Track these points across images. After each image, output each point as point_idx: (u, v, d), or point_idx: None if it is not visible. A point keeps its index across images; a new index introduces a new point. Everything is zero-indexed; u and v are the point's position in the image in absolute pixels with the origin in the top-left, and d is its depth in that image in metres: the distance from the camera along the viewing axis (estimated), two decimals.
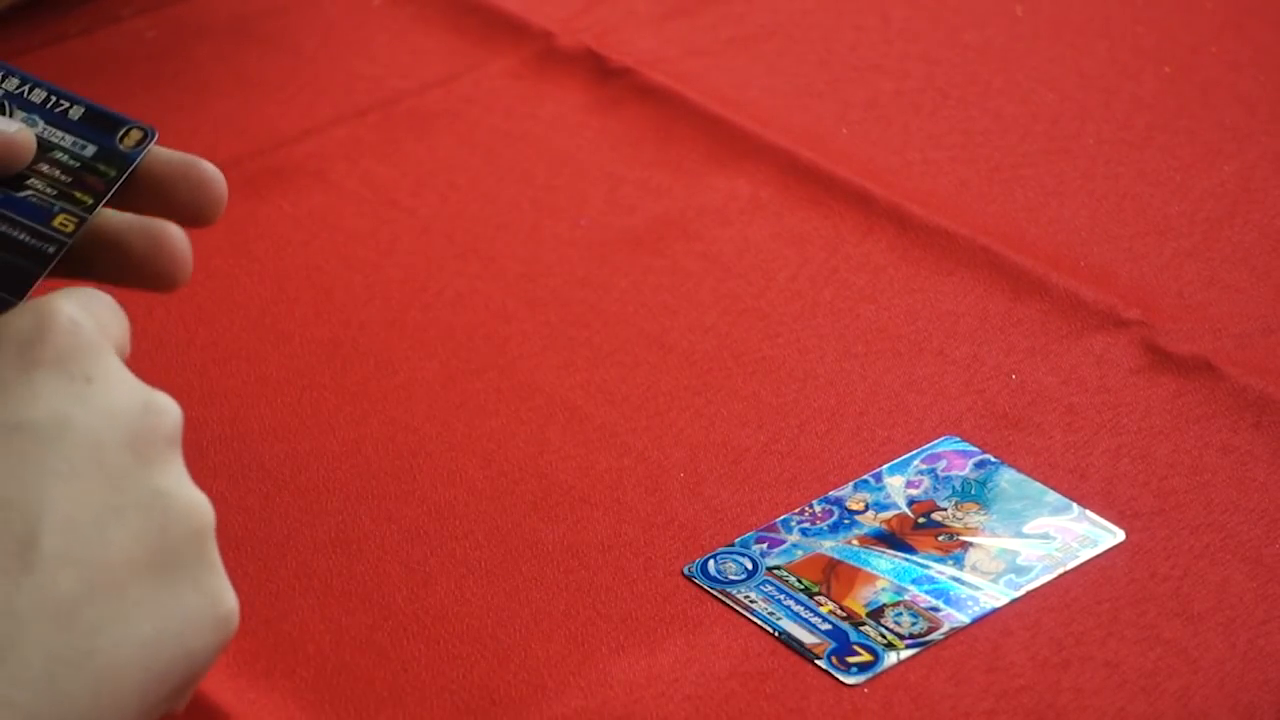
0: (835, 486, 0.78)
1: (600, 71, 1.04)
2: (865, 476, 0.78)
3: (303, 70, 1.06)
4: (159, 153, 0.68)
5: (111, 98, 1.04)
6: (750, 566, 0.75)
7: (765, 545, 0.75)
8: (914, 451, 0.80)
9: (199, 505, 0.58)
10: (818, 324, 0.87)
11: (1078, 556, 0.74)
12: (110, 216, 0.67)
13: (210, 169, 0.68)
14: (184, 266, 0.67)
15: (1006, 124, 0.99)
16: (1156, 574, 0.73)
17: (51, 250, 0.64)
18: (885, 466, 0.79)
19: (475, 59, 1.06)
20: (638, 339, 0.86)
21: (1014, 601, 0.73)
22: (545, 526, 0.77)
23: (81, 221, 0.65)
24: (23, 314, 0.58)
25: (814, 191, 0.94)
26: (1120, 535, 0.75)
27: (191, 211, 0.68)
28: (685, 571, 0.75)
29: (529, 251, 0.92)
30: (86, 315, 0.59)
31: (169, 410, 0.59)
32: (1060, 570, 0.74)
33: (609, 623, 0.73)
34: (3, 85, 0.68)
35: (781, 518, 0.77)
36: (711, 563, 0.75)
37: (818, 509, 0.77)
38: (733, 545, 0.76)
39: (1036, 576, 0.74)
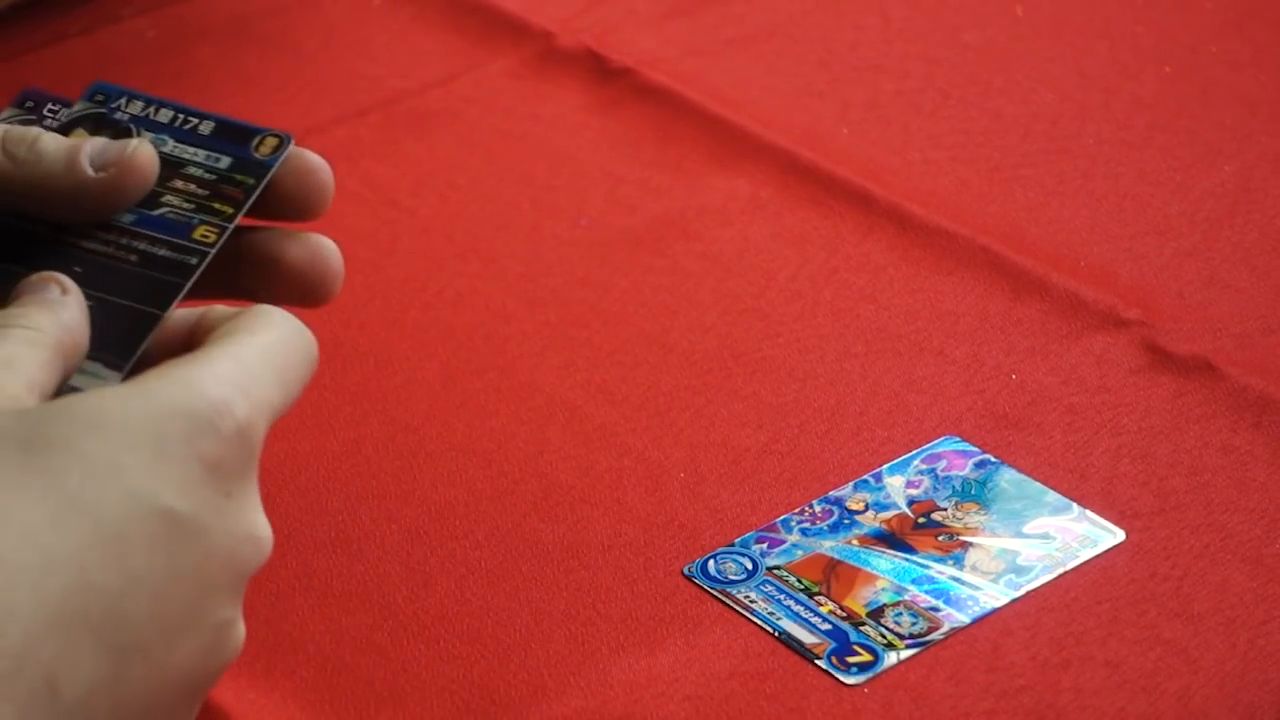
0: (835, 486, 0.78)
1: (600, 71, 1.04)
2: (865, 476, 0.79)
3: (303, 70, 1.06)
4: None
5: None
6: (750, 566, 0.75)
7: (765, 545, 0.75)
8: (914, 451, 0.80)
9: (239, 645, 0.59)
10: (818, 324, 0.87)
11: (1078, 556, 0.74)
12: (262, 231, 0.67)
13: (315, 158, 0.68)
14: (337, 280, 0.68)
15: (1006, 124, 0.99)
16: (1156, 574, 0.73)
17: (194, 261, 0.64)
18: (885, 466, 0.79)
19: (475, 59, 1.06)
20: (638, 339, 0.86)
21: (1014, 601, 0.73)
22: (545, 526, 0.77)
23: (223, 231, 0.65)
24: (199, 398, 0.58)
25: (814, 191, 0.94)
26: (1120, 535, 0.75)
27: (300, 203, 0.68)
28: (685, 571, 0.75)
29: (529, 251, 0.92)
30: (254, 415, 0.59)
31: (265, 550, 0.60)
32: (1060, 570, 0.74)
33: (609, 623, 0.73)
34: (127, 109, 0.68)
35: (781, 518, 0.77)
36: (711, 563, 0.75)
37: (818, 509, 0.77)
38: (733, 545, 0.76)
39: (1036, 576, 0.74)
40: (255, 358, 0.60)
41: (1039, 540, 0.75)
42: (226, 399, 0.58)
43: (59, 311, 0.61)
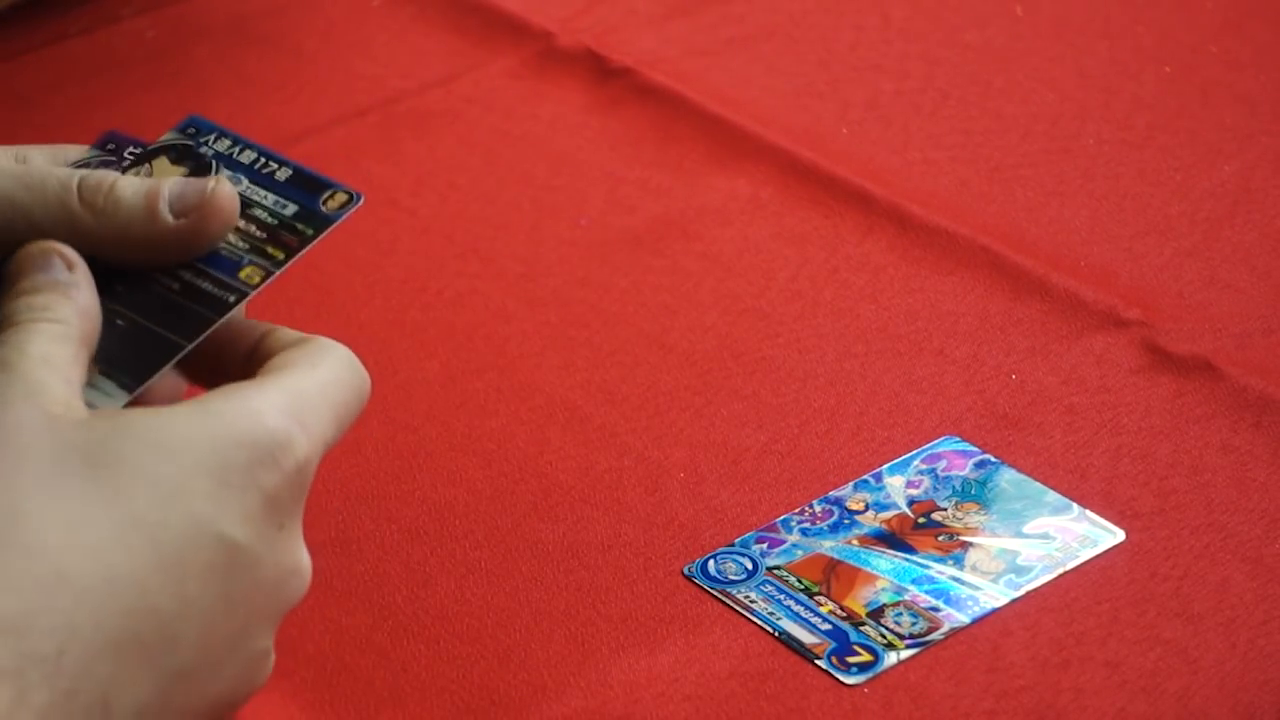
0: (835, 486, 0.78)
1: (600, 71, 1.04)
2: (865, 476, 0.78)
3: (303, 70, 1.06)
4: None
5: (111, 98, 1.04)
6: (750, 566, 0.75)
7: (765, 545, 0.75)
8: (914, 451, 0.80)
9: (268, 676, 0.59)
10: (818, 324, 0.87)
11: (1078, 556, 0.74)
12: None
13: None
14: None
15: (1006, 124, 0.99)
16: (1156, 574, 0.73)
17: (232, 300, 0.63)
18: (885, 466, 0.79)
19: (475, 59, 1.06)
20: (638, 339, 0.86)
21: (1014, 601, 0.73)
22: (545, 526, 0.77)
23: (268, 275, 0.64)
24: (262, 429, 0.58)
25: (814, 191, 0.94)
26: (1120, 535, 0.75)
27: None
28: (685, 571, 0.75)
29: (529, 251, 0.92)
30: (311, 451, 0.59)
31: (306, 584, 0.60)
32: (1060, 570, 0.74)
33: (609, 623, 0.73)
34: (214, 145, 0.67)
35: (781, 518, 0.77)
36: (711, 563, 0.75)
37: (818, 509, 0.77)
38: (733, 545, 0.76)
39: (1036, 576, 0.74)
40: (315, 392, 0.60)
41: (1039, 540, 0.75)
42: (288, 432, 0.58)
43: (75, 297, 0.60)
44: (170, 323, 0.63)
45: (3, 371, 0.57)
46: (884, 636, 0.72)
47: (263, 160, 0.67)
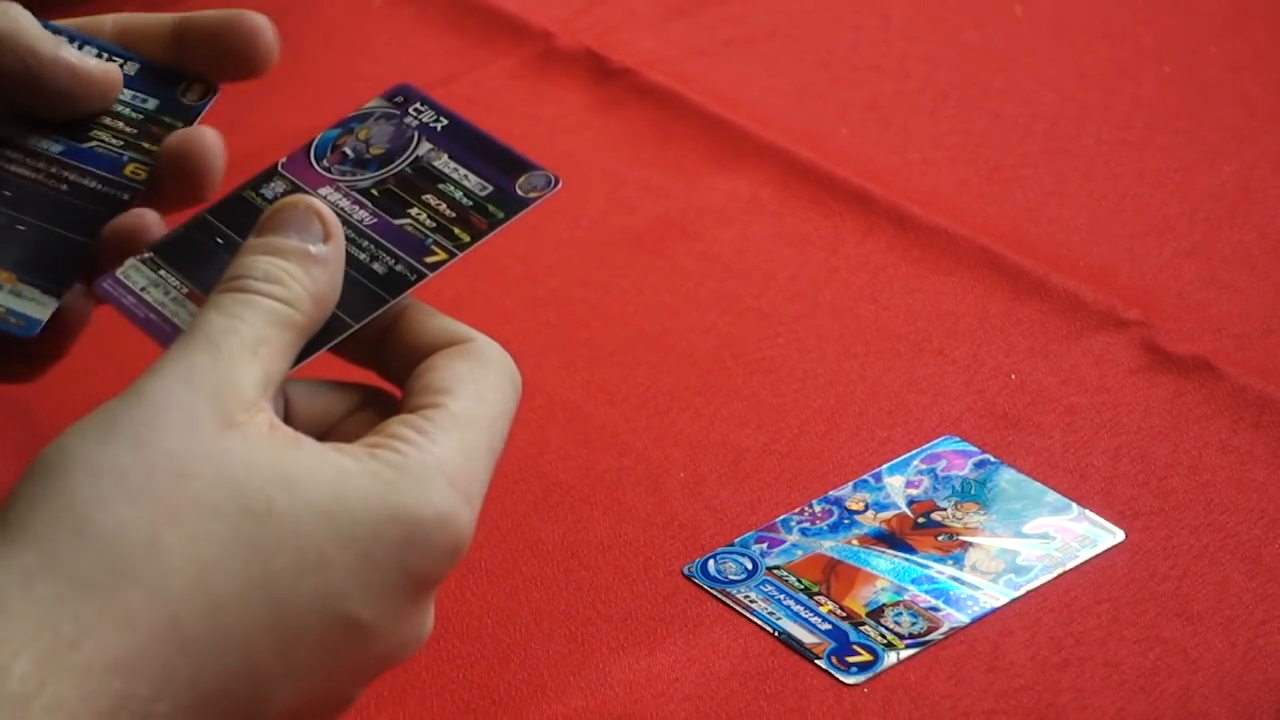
0: (835, 486, 0.78)
1: (600, 71, 1.04)
2: (865, 476, 0.79)
3: (303, 70, 1.06)
4: (202, 14, 0.67)
5: None
6: (750, 566, 0.75)
7: (765, 545, 0.75)
8: (914, 451, 0.80)
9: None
10: (818, 324, 0.87)
11: (1077, 556, 0.74)
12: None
13: (259, 18, 0.67)
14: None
15: (1006, 124, 0.99)
16: (1156, 574, 0.73)
17: (125, 197, 0.64)
18: (885, 466, 0.79)
19: (475, 59, 1.06)
20: (638, 339, 0.86)
21: (1014, 601, 0.73)
22: (545, 526, 0.77)
23: (151, 170, 0.64)
24: (426, 506, 0.55)
25: (814, 191, 0.94)
26: (1120, 535, 0.75)
27: (244, 62, 0.67)
28: (685, 571, 0.75)
29: (529, 251, 0.92)
30: (472, 526, 0.56)
31: (422, 642, 0.58)
32: (1060, 570, 0.74)
33: (609, 623, 0.73)
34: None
35: (781, 518, 0.77)
36: (711, 563, 0.75)
37: (818, 509, 0.77)
38: (733, 545, 0.76)
39: (1036, 576, 0.74)
40: (484, 444, 0.57)
41: (1039, 540, 0.75)
42: (454, 513, 0.56)
43: (317, 278, 0.57)
44: (71, 223, 0.63)
45: (206, 353, 0.54)
46: (884, 636, 0.72)
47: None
